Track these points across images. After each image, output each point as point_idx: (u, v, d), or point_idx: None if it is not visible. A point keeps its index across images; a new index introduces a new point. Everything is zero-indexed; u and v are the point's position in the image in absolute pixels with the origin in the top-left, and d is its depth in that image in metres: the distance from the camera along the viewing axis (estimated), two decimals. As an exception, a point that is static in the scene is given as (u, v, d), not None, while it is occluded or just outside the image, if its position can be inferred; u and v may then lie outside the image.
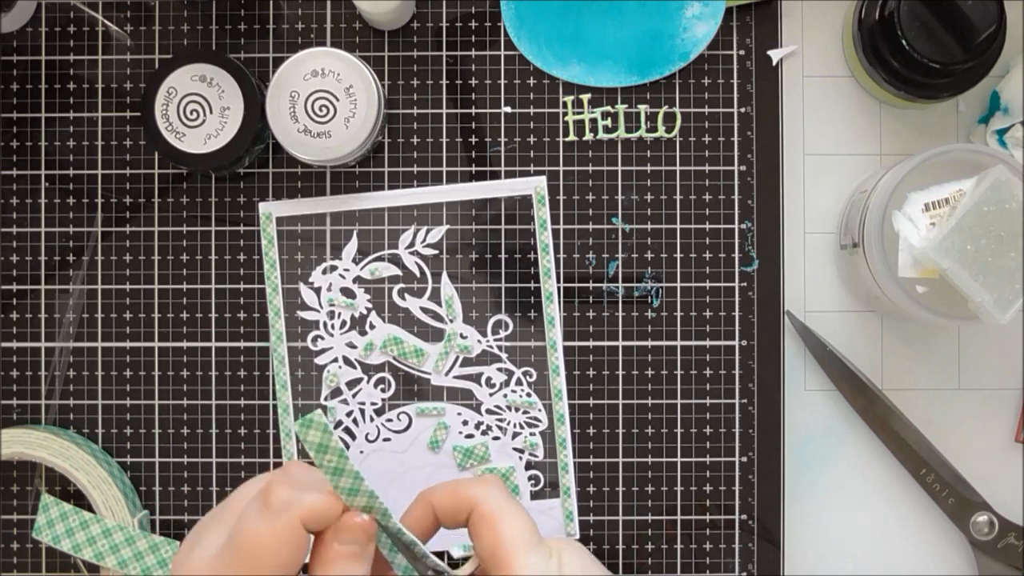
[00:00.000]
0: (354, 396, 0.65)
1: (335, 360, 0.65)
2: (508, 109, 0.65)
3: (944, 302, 0.58)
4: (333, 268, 0.65)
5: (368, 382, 0.65)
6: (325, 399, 0.65)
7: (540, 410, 0.65)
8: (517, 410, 0.65)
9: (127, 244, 0.65)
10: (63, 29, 0.66)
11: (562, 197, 0.65)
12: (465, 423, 0.65)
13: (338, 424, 0.65)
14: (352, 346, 0.65)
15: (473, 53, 0.66)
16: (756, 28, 0.65)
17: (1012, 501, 0.65)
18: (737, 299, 0.65)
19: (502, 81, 0.66)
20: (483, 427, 0.65)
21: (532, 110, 0.65)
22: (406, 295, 0.65)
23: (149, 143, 0.63)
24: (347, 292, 0.65)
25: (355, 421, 0.65)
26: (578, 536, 0.65)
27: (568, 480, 0.65)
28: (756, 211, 0.65)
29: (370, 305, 0.65)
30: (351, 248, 0.65)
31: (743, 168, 0.65)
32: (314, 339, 0.65)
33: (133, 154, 0.66)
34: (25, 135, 0.66)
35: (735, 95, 0.65)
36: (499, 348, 0.65)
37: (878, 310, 0.65)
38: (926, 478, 0.64)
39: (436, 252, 0.65)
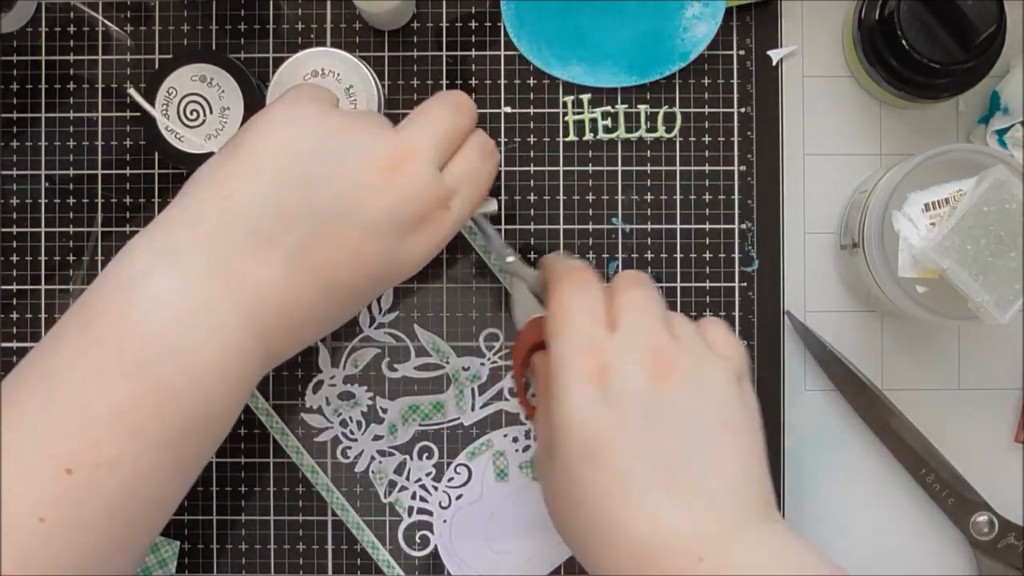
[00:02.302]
0: (408, 478, 0.65)
1: (372, 459, 0.65)
2: (508, 109, 0.65)
3: (944, 302, 0.58)
4: (320, 383, 0.65)
5: (412, 459, 0.65)
6: (385, 497, 0.65)
7: None
8: None
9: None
10: (63, 29, 0.66)
11: (562, 197, 0.65)
12: (515, 440, 0.65)
13: (410, 510, 0.65)
14: (378, 437, 0.65)
15: (473, 53, 0.66)
16: (756, 28, 0.65)
17: (1012, 501, 0.65)
18: (737, 299, 0.65)
19: (502, 81, 0.66)
20: (534, 434, 0.65)
21: (532, 110, 0.65)
22: (395, 365, 0.65)
23: (149, 143, 0.63)
24: (345, 395, 0.65)
25: (422, 499, 0.65)
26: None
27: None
28: (756, 211, 0.65)
29: (371, 393, 0.65)
30: (324, 357, 0.65)
31: (743, 168, 0.65)
32: (343, 451, 0.65)
33: (133, 154, 0.66)
34: (25, 135, 0.66)
35: (735, 95, 0.65)
36: (502, 358, 0.65)
37: (878, 310, 0.65)
38: (926, 478, 0.64)
39: (396, 312, 0.65)
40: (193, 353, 0.48)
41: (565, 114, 0.66)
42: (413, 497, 0.65)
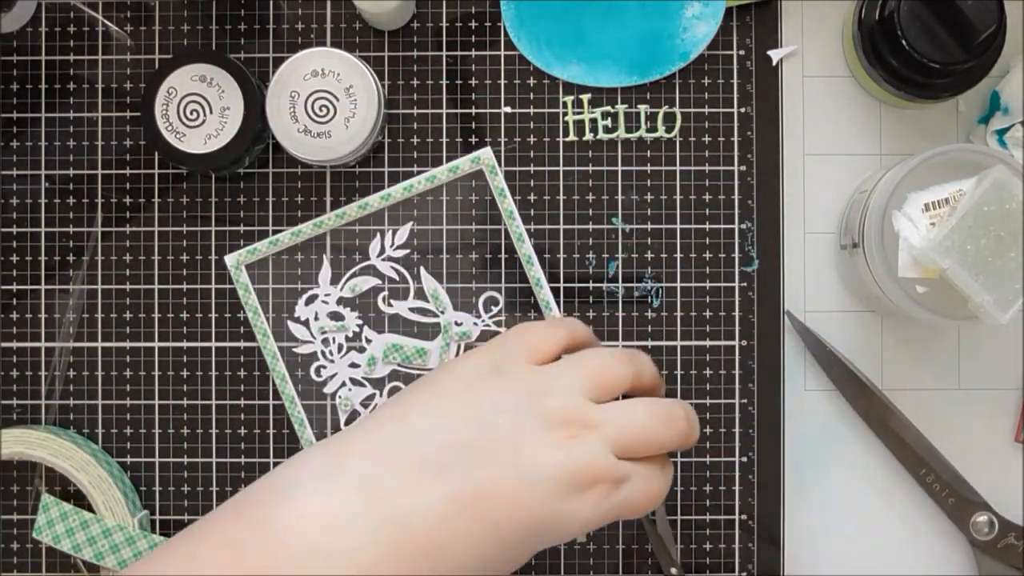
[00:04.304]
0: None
1: (343, 384, 0.65)
2: (508, 109, 0.66)
3: (944, 302, 0.58)
4: (314, 297, 0.65)
5: (381, 396, 0.65)
6: (345, 425, 0.65)
7: None
8: None
9: (127, 244, 0.65)
10: (63, 29, 0.66)
11: (562, 197, 0.65)
12: None
13: None
14: (355, 365, 0.65)
15: (473, 53, 0.66)
16: (756, 28, 0.65)
17: (1012, 501, 0.65)
18: (737, 299, 0.65)
19: (502, 81, 0.66)
20: None
21: (532, 110, 0.65)
22: (391, 301, 0.65)
23: (149, 143, 0.63)
24: (334, 315, 0.65)
25: None
26: None
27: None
28: (756, 211, 0.65)
29: (360, 321, 0.65)
30: (325, 272, 0.65)
31: (743, 168, 0.65)
32: (317, 370, 0.65)
33: (133, 154, 0.66)
34: (25, 135, 0.66)
35: (735, 95, 0.65)
36: (496, 323, 0.65)
37: (878, 310, 0.65)
38: (926, 478, 0.64)
39: (408, 251, 0.65)
40: (326, 564, 0.48)
41: (565, 114, 0.66)
42: None
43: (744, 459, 0.65)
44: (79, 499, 0.64)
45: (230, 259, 0.65)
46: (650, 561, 0.65)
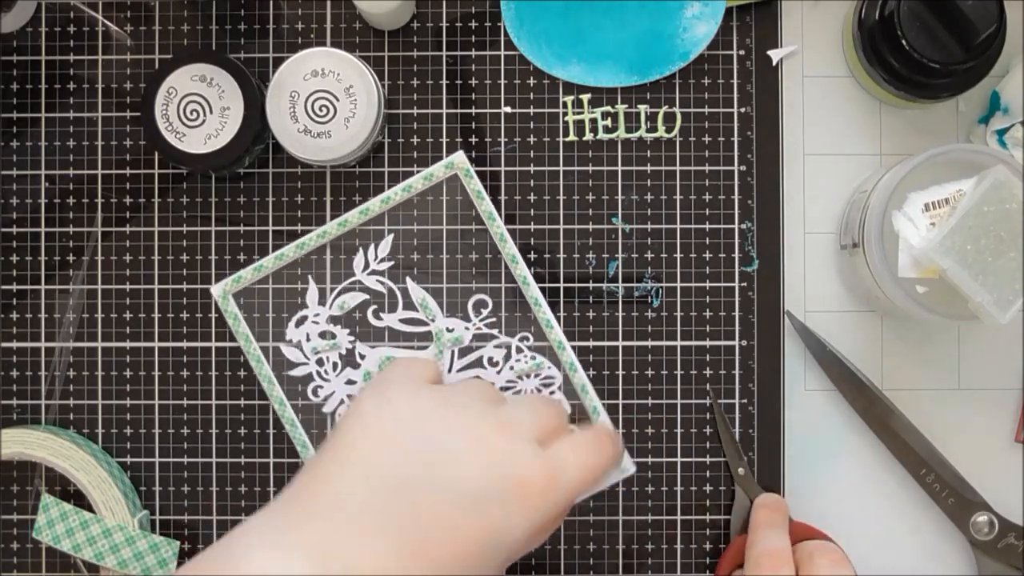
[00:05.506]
0: None
1: (341, 402, 0.65)
2: (508, 109, 0.66)
3: (944, 302, 0.58)
4: (304, 318, 0.65)
5: None
6: None
7: (550, 367, 0.65)
8: (529, 376, 0.65)
9: (127, 244, 0.65)
10: (63, 29, 0.66)
11: (562, 197, 0.65)
12: None
13: None
14: (351, 382, 0.65)
15: (473, 53, 0.66)
16: (756, 28, 0.65)
17: (1012, 501, 0.65)
18: (737, 299, 0.65)
19: (502, 81, 0.66)
20: None
21: (532, 110, 0.65)
22: (381, 314, 0.65)
23: (149, 143, 0.63)
24: (326, 334, 0.65)
25: None
26: (634, 470, 0.65)
27: (603, 420, 0.65)
28: (756, 211, 0.65)
29: (352, 337, 0.65)
30: (312, 293, 0.65)
31: (743, 168, 0.65)
32: (314, 390, 0.65)
33: (133, 154, 0.66)
34: (25, 135, 0.66)
35: (735, 95, 0.65)
36: (488, 326, 0.65)
37: (878, 310, 0.65)
38: (926, 478, 0.64)
39: (392, 263, 0.65)
40: None
41: (565, 114, 0.66)
42: None
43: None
44: (79, 499, 0.64)
45: (216, 290, 0.64)
46: (650, 561, 0.65)
